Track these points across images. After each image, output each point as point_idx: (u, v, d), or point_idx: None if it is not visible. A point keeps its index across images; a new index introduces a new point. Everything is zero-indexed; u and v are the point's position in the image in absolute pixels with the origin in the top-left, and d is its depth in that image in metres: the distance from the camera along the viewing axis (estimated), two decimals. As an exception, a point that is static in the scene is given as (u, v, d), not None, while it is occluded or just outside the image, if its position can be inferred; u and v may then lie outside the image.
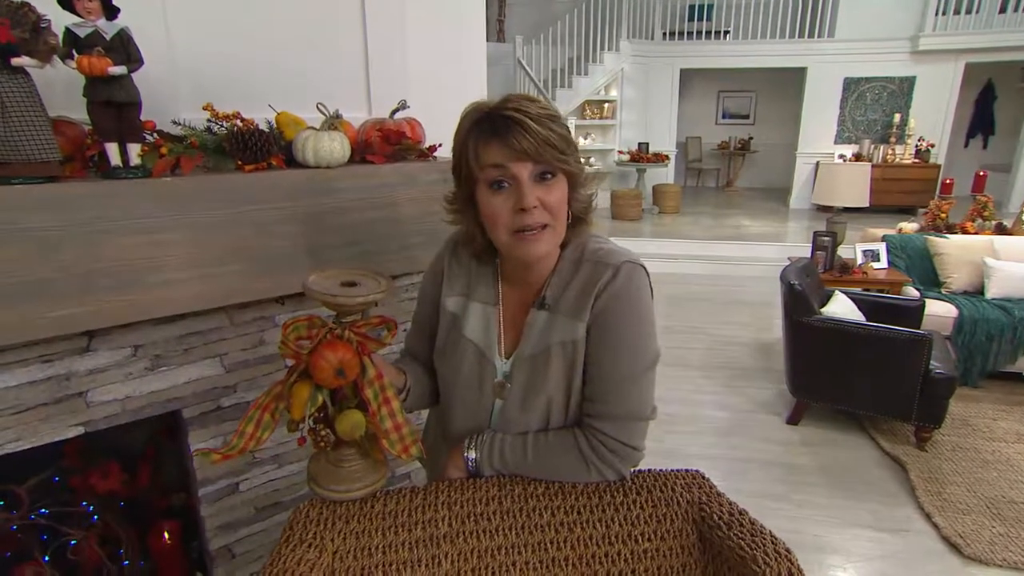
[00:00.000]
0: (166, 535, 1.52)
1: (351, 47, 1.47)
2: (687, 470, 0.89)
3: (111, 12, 0.99)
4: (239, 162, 1.17)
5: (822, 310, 2.85)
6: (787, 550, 0.74)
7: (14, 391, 1.11)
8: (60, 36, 0.96)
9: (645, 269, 0.90)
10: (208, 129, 1.18)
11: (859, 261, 3.69)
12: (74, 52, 0.97)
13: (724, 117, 10.87)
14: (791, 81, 8.71)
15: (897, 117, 8.00)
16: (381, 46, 1.20)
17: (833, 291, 3.10)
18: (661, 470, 0.89)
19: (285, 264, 1.26)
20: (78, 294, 1.03)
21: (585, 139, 8.34)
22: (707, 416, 3.07)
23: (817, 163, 7.75)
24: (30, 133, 0.93)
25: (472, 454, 0.92)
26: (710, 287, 5.40)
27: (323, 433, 0.85)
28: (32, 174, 0.95)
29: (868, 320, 2.84)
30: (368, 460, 0.90)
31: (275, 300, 1.37)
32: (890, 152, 7.95)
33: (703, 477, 0.88)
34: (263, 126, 1.24)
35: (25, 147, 0.93)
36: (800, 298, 2.76)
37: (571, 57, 7.86)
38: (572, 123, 6.52)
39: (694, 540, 0.81)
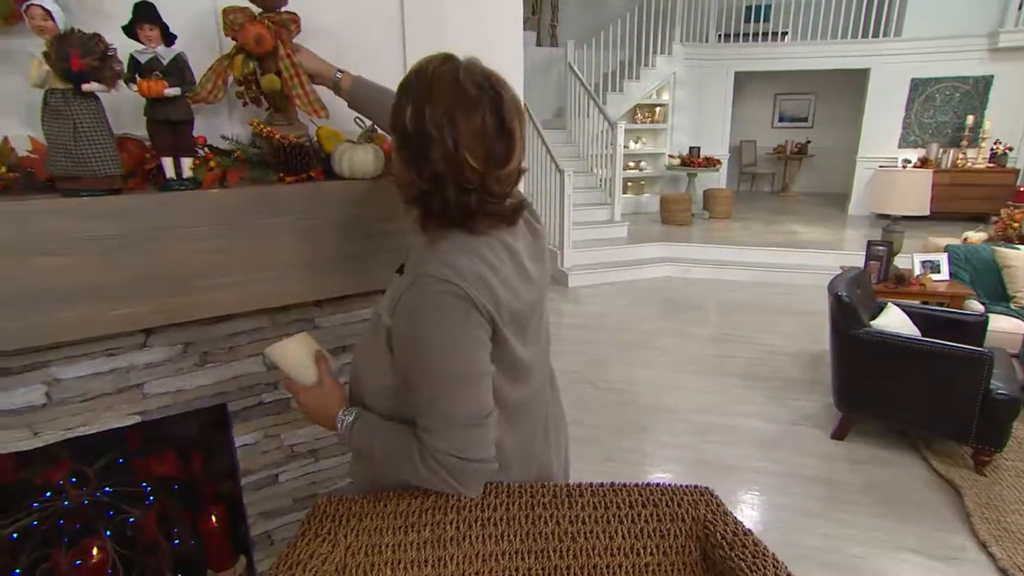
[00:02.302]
0: (214, 519, 1.63)
1: (390, 63, 1.54)
2: (695, 486, 0.89)
3: (169, 39, 1.09)
4: (281, 174, 1.25)
5: (872, 323, 2.73)
6: (789, 575, 0.74)
7: (83, 381, 1.23)
8: (125, 62, 1.06)
9: (455, 284, 0.81)
10: (253, 143, 1.27)
11: (916, 272, 3.51)
12: (136, 76, 1.07)
13: (780, 120, 10.52)
14: (853, 82, 8.34)
15: (970, 119, 7.52)
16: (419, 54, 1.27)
17: (885, 303, 2.97)
18: (669, 484, 0.90)
19: (322, 271, 1.34)
20: (136, 295, 1.14)
21: (636, 143, 8.26)
22: (748, 427, 3.00)
23: (878, 168, 7.40)
24: (97, 151, 1.04)
25: (339, 425, 0.94)
26: (758, 295, 5.26)
27: (252, 87, 1.29)
28: (98, 187, 1.06)
29: (924, 335, 2.70)
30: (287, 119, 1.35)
31: (313, 303, 1.45)
32: (960, 156, 7.49)
33: (711, 494, 0.88)
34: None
35: (92, 163, 1.04)
36: (848, 310, 2.66)
37: (623, 61, 7.80)
38: (623, 127, 6.45)
39: (696, 558, 0.82)
